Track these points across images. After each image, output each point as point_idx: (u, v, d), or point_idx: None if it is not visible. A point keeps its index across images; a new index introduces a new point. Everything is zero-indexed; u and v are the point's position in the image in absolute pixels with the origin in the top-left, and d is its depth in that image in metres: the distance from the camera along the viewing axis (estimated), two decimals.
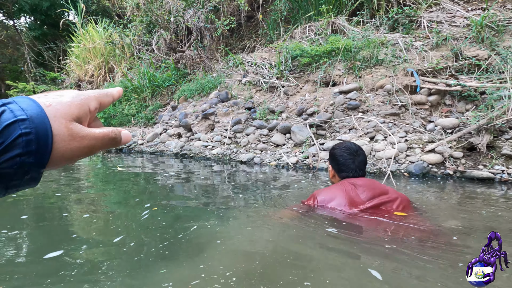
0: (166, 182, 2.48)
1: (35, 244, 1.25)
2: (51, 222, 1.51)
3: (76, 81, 9.80)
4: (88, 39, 9.53)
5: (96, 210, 1.73)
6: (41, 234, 1.36)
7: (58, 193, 2.14)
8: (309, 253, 1.10)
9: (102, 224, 1.45)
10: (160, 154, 4.74)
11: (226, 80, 5.26)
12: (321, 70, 4.30)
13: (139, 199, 1.91)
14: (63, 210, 1.74)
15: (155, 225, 1.40)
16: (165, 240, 1.20)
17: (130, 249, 1.12)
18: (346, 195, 1.48)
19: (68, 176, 2.85)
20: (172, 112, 5.50)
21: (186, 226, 1.35)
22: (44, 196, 2.04)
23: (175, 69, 6.68)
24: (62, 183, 2.48)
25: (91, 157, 4.51)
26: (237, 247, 1.14)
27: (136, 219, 1.49)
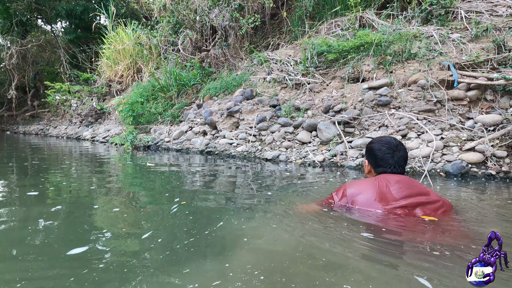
0: (193, 178, 2.51)
1: (62, 238, 1.25)
2: (80, 216, 1.52)
3: (107, 81, 10.26)
4: (118, 41, 9.93)
5: (126, 204, 1.75)
6: (69, 228, 1.36)
7: (92, 186, 2.21)
8: (341, 253, 1.04)
9: (131, 219, 1.45)
10: (186, 152, 4.83)
11: (250, 78, 5.26)
12: (349, 65, 4.17)
13: (168, 194, 1.93)
14: (94, 203, 1.77)
15: (183, 220, 1.38)
16: (192, 236, 1.17)
17: (157, 246, 1.10)
18: (377, 189, 1.40)
19: (101, 170, 2.97)
20: (197, 110, 5.59)
21: (212, 222, 1.33)
22: (77, 189, 2.13)
23: (200, 68, 6.79)
24: (95, 177, 2.59)
25: (121, 153, 4.69)
26: (264, 246, 1.10)
27: (164, 214, 1.49)
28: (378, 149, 1.52)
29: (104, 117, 9.35)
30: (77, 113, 9.99)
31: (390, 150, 1.49)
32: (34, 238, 1.21)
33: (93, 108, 9.02)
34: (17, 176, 2.55)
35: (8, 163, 3.42)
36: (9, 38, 10.55)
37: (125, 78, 10.15)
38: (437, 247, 1.06)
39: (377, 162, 1.53)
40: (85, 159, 3.87)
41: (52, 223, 1.37)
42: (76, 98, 9.40)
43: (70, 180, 2.40)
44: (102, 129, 8.47)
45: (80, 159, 3.88)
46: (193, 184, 2.24)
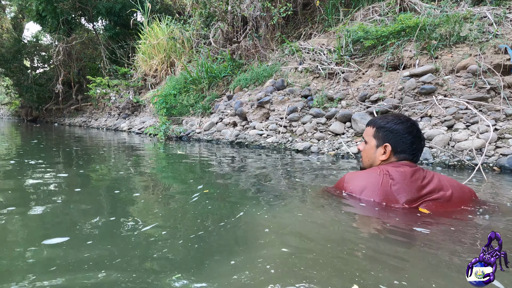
0: (220, 168, 2.50)
1: (75, 222, 1.13)
2: (100, 200, 1.46)
3: (143, 75, 10.70)
4: (153, 36, 10.28)
5: (147, 189, 1.69)
6: (85, 212, 1.26)
7: (121, 172, 2.25)
8: (376, 245, 0.92)
9: (147, 205, 1.36)
10: (216, 142, 4.87)
11: (281, 68, 5.14)
12: (388, 52, 3.90)
13: (193, 181, 1.91)
14: (118, 187, 1.72)
15: (200, 209, 1.27)
16: (209, 227, 1.05)
17: (172, 235, 0.99)
18: (379, 190, 1.20)
19: (134, 158, 3.07)
20: (227, 102, 5.60)
21: (233, 212, 1.22)
22: (107, 174, 2.18)
23: (231, 60, 6.79)
24: (127, 164, 2.68)
25: (154, 143, 4.85)
26: (288, 238, 0.97)
27: (184, 201, 1.38)
28: (407, 132, 1.25)
29: (140, 109, 9.78)
30: (115, 106, 10.55)
31: (418, 134, 1.27)
32: (48, 221, 1.24)
33: (129, 101, 9.46)
34: (63, 160, 2.72)
35: (56, 150, 3.68)
36: (56, 36, 11.38)
37: (159, 72, 10.50)
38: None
39: (403, 148, 1.26)
40: (121, 148, 4.05)
41: (68, 204, 1.34)
42: (115, 92, 9.91)
43: (103, 165, 2.50)
44: (137, 121, 8.87)
45: (117, 147, 4.06)
46: (219, 173, 2.21)
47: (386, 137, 1.28)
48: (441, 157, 2.68)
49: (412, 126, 1.27)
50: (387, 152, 1.28)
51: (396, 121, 1.28)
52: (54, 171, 2.14)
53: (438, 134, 2.84)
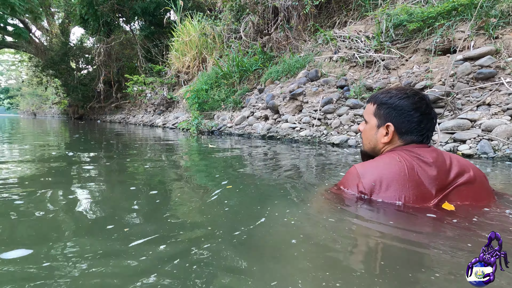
0: (249, 162, 2.40)
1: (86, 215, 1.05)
2: (118, 193, 1.38)
3: (176, 72, 10.99)
4: (185, 33, 10.48)
5: (168, 183, 1.59)
6: (98, 206, 1.17)
7: (146, 165, 2.23)
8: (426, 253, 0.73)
9: (163, 200, 1.23)
10: (248, 136, 4.80)
11: (315, 59, 4.91)
12: (437, 35, 3.51)
13: (218, 175, 1.81)
14: (137, 180, 1.64)
15: (218, 209, 1.09)
16: (226, 234, 0.86)
17: (187, 238, 0.83)
18: (408, 181, 0.97)
19: (166, 152, 3.09)
20: (259, 95, 5.50)
21: (253, 215, 1.02)
22: (134, 167, 2.17)
23: (262, 53, 6.66)
24: (156, 158, 2.68)
25: (187, 137, 4.90)
26: (318, 247, 0.77)
27: (203, 198, 1.23)
28: (413, 109, 1.02)
29: (174, 105, 10.06)
30: (151, 103, 10.98)
31: (428, 108, 1.04)
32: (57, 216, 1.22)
33: (164, 98, 9.76)
34: (105, 153, 2.82)
35: (97, 143, 3.86)
36: (97, 38, 12.07)
37: (191, 69, 10.71)
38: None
39: (410, 127, 1.04)
40: (156, 142, 4.13)
41: (91, 200, 1.30)
42: (150, 89, 10.28)
43: (138, 158, 2.52)
44: (171, 116, 9.13)
45: (153, 142, 4.16)
46: (247, 168, 2.11)
47: (388, 115, 1.07)
48: (503, 150, 2.33)
49: (420, 101, 1.03)
50: (389, 132, 1.07)
51: (400, 95, 1.05)
52: (99, 163, 2.20)
53: (499, 125, 2.48)
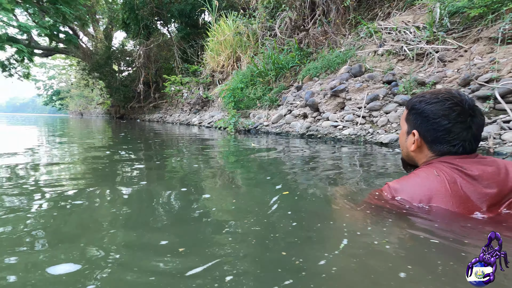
0: (296, 163, 2.28)
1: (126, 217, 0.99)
2: (164, 199, 1.26)
3: (211, 71, 11.18)
4: (220, 33, 10.62)
5: (219, 189, 1.46)
6: (139, 210, 1.09)
7: (195, 164, 2.21)
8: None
9: (218, 211, 1.11)
10: (286, 135, 4.69)
11: (357, 53, 4.65)
12: (504, 20, 3.11)
13: (270, 177, 1.71)
14: (187, 185, 1.50)
15: (284, 221, 0.95)
16: (309, 263, 0.69)
17: (252, 254, 0.73)
18: (450, 195, 0.83)
19: (208, 151, 3.08)
20: (296, 93, 5.36)
21: (332, 233, 0.88)
22: (180, 169, 2.14)
23: (299, 50, 6.49)
24: (201, 158, 2.67)
25: (224, 136, 4.91)
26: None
27: (263, 208, 1.08)
28: (442, 115, 0.88)
29: (209, 104, 10.24)
30: (187, 102, 11.30)
31: (463, 115, 0.87)
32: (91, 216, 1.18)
33: (199, 97, 9.96)
34: (146, 152, 2.89)
35: (138, 141, 4.00)
36: (138, 40, 12.68)
37: (226, 68, 10.83)
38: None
39: (439, 136, 0.90)
40: (196, 141, 4.18)
41: (130, 202, 1.24)
42: (187, 89, 10.56)
43: (178, 159, 2.52)
44: (207, 115, 9.30)
45: (192, 141, 4.21)
46: (296, 170, 2.00)
47: (415, 121, 0.96)
48: None
49: (452, 107, 0.87)
50: (415, 141, 0.96)
51: (429, 100, 0.92)
52: (140, 161, 2.24)
53: None
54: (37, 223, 0.92)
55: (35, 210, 1.04)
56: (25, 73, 17.66)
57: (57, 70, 41.12)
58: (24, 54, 11.57)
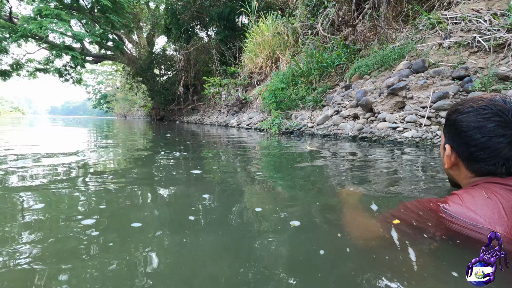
0: (361, 168, 2.00)
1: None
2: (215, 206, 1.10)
3: (248, 73, 11.13)
4: (259, 34, 10.53)
5: (270, 196, 1.26)
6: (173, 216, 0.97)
7: (257, 173, 2.04)
8: None
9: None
10: (334, 137, 4.37)
11: (417, 47, 4.19)
12: None
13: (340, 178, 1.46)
14: (243, 197, 1.27)
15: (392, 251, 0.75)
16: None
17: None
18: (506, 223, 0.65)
19: (259, 154, 2.90)
20: (344, 92, 5.00)
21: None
22: (230, 176, 1.97)
23: (344, 47, 6.11)
24: (254, 162, 2.48)
25: (267, 137, 4.72)
26: None
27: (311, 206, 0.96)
28: (475, 127, 0.74)
29: (247, 106, 10.17)
30: (225, 104, 11.37)
31: (504, 127, 0.70)
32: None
33: (238, 98, 9.93)
34: (184, 151, 2.79)
35: (178, 141, 3.97)
36: (179, 44, 13.08)
37: (264, 69, 10.69)
38: None
39: (472, 153, 0.76)
40: (242, 143, 4.04)
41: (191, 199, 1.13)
42: (225, 90, 10.60)
43: (224, 163, 2.35)
44: (245, 117, 9.22)
45: (237, 143, 4.08)
46: (369, 175, 1.72)
47: (448, 134, 0.84)
48: None
49: (490, 117, 0.72)
50: (449, 157, 0.84)
51: (464, 108, 0.78)
52: (194, 162, 2.11)
53: None
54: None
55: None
56: (78, 79, 19.19)
57: (105, 75, 44.46)
58: (78, 61, 12.49)
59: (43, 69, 17.92)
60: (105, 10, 12.30)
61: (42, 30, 10.04)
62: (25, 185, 1.30)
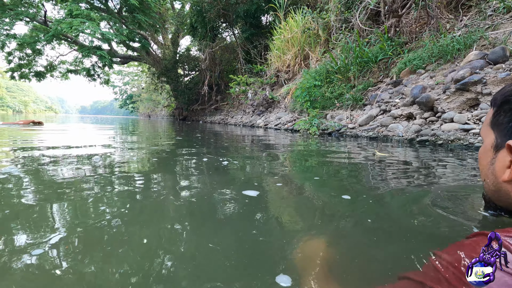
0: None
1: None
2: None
3: (275, 72, 10.67)
4: (287, 30, 10.04)
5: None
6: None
7: (316, 176, 1.60)
8: None
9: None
10: (383, 140, 3.81)
11: (488, 35, 3.54)
12: None
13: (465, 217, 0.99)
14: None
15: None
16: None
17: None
18: None
19: (310, 160, 2.44)
20: (394, 89, 4.42)
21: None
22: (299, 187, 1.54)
23: (388, 40, 5.50)
24: (314, 169, 2.03)
25: (306, 139, 4.23)
26: None
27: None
28: None
29: (274, 105, 9.71)
30: (249, 104, 10.98)
31: None
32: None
33: (265, 98, 9.51)
34: (212, 150, 2.39)
35: (201, 141, 3.59)
36: (204, 43, 12.87)
37: (292, 67, 10.19)
38: None
39: None
40: (276, 145, 3.60)
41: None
42: (252, 89, 10.22)
43: (275, 171, 1.91)
44: (273, 117, 8.76)
45: (277, 145, 3.64)
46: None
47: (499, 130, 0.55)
48: None
49: None
50: (502, 160, 0.53)
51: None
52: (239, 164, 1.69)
53: None
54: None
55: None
56: (106, 80, 19.64)
57: (131, 76, 45.75)
58: (106, 60, 12.62)
59: (74, 70, 18.50)
60: (132, 9, 12.34)
61: (72, 30, 10.15)
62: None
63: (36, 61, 17.35)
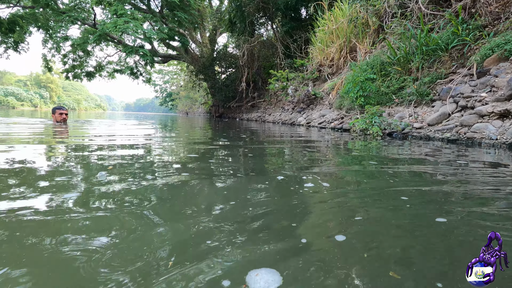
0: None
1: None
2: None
3: (317, 66, 10.00)
4: (332, 21, 9.31)
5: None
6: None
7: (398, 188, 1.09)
8: None
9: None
10: (466, 143, 3.09)
11: None
12: None
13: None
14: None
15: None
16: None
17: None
18: None
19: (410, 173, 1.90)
20: (477, 81, 3.63)
21: None
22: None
23: (464, 23, 4.63)
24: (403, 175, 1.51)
25: (369, 141, 3.62)
26: None
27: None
28: None
29: (316, 102, 9.07)
30: (289, 101, 10.44)
31: None
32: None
33: (307, 94, 8.91)
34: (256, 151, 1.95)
35: (240, 138, 3.17)
36: (243, 38, 12.58)
37: (336, 61, 9.45)
38: None
39: None
40: (333, 147, 3.07)
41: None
42: (293, 85, 9.68)
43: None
44: (315, 114, 8.15)
45: (323, 146, 3.11)
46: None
47: None
48: None
49: None
50: None
51: None
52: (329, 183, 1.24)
53: None
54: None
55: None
56: (148, 78, 20.37)
57: (171, 75, 47.51)
58: (148, 58, 12.90)
59: (119, 70, 19.44)
60: (173, 7, 12.43)
61: (117, 29, 10.44)
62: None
63: (87, 62, 18.54)
